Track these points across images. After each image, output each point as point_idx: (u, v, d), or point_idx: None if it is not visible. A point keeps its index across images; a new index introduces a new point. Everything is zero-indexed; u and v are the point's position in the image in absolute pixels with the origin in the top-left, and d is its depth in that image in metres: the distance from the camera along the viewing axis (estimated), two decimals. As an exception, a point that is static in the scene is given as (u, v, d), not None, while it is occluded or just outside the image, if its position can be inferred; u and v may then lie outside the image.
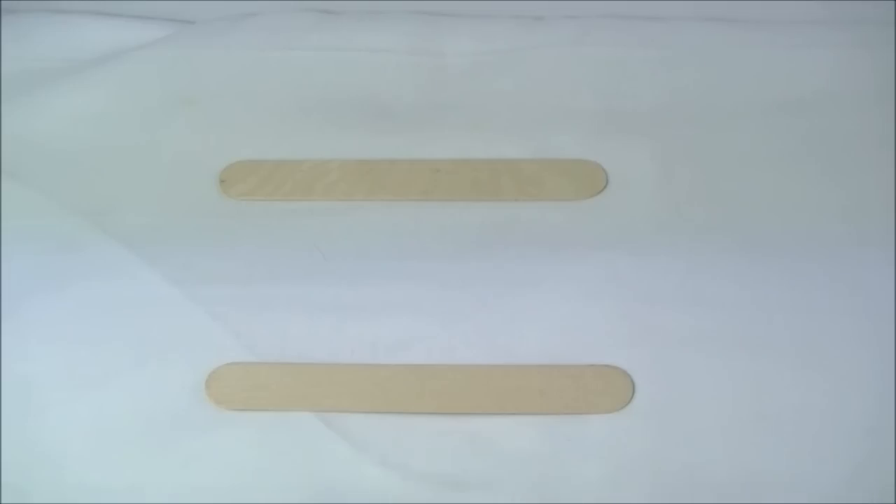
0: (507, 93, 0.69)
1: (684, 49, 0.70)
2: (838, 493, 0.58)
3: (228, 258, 0.65)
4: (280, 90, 0.71)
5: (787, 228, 0.64)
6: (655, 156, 0.67)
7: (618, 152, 0.67)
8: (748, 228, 0.64)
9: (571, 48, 0.69)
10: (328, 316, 0.62)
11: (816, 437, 0.59)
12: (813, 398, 0.60)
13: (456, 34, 0.70)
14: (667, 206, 0.66)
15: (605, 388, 0.60)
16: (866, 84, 0.68)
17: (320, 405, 0.60)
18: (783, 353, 0.61)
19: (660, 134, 0.68)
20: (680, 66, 0.70)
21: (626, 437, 0.59)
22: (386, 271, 0.64)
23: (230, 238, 0.66)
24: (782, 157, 0.67)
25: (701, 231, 0.64)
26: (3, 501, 0.59)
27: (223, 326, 0.62)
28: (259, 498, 0.59)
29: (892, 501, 0.57)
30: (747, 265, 0.63)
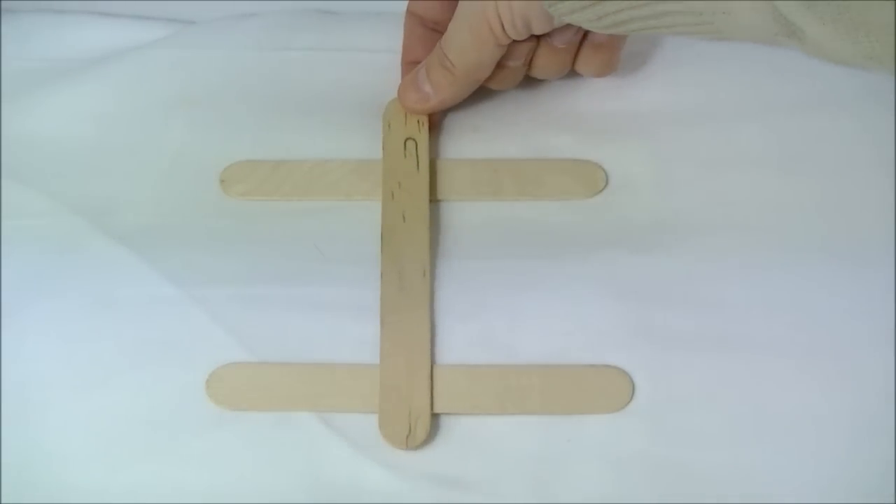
0: (507, 92, 0.69)
1: (684, 49, 0.70)
2: (838, 493, 0.58)
3: (228, 258, 0.65)
4: (280, 90, 0.71)
5: (787, 228, 0.64)
6: (655, 156, 0.67)
7: (618, 152, 0.67)
8: (748, 228, 0.64)
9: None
10: (328, 316, 0.62)
11: (816, 437, 0.59)
12: (813, 398, 0.59)
13: (456, 34, 0.70)
14: (667, 206, 0.66)
15: (605, 388, 0.60)
16: (866, 84, 0.68)
17: (320, 405, 0.60)
18: (783, 353, 0.60)
19: (660, 134, 0.68)
20: (680, 66, 0.70)
21: (626, 437, 0.59)
22: (386, 271, 0.64)
23: (230, 238, 0.66)
24: (782, 157, 0.67)
25: (701, 231, 0.64)
26: (3, 502, 0.59)
27: (223, 326, 0.62)
28: (259, 498, 0.59)
29: (892, 502, 0.57)
30: (747, 265, 0.63)
